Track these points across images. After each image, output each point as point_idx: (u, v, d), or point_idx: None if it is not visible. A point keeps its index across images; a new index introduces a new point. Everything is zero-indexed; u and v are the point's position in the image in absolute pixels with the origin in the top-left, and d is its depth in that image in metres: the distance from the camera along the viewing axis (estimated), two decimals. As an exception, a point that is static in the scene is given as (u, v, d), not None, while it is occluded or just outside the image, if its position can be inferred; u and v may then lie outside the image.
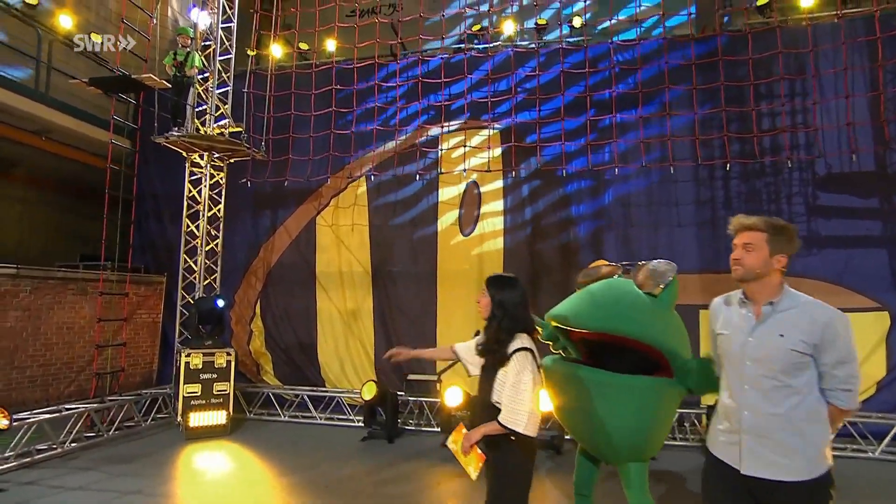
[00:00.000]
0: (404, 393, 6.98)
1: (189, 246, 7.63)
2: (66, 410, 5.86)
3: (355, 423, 6.94)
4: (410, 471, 5.31)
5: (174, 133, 6.89)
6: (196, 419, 6.36)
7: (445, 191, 7.84)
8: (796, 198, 6.40)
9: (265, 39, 7.91)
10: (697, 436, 6.08)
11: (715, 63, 6.48)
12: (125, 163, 7.14)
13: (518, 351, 2.56)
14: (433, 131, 7.72)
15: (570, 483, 3.47)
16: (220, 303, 6.98)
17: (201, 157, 7.56)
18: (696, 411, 6.17)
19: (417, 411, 6.98)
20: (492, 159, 7.43)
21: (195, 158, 7.59)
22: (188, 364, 6.47)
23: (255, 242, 8.30)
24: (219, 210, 7.68)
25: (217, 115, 7.67)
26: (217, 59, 7.64)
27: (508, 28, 7.62)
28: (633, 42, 6.79)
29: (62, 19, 7.45)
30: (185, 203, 7.56)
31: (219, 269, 7.67)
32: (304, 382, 7.84)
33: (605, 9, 7.27)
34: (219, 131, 7.47)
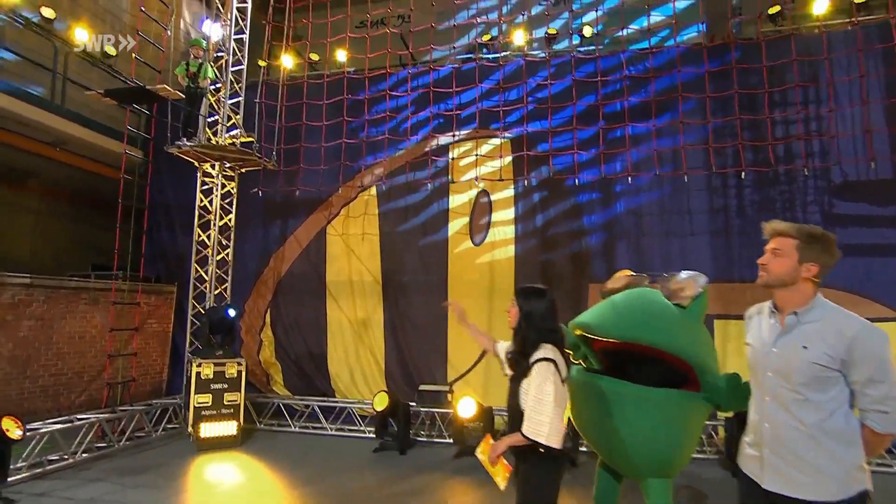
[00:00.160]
0: (416, 403, 6.92)
1: (200, 255, 7.66)
2: (78, 421, 5.86)
3: (366, 435, 6.88)
4: (423, 484, 5.25)
5: (186, 143, 6.95)
6: (207, 430, 6.34)
7: (456, 200, 7.84)
8: (812, 206, 6.34)
9: (276, 50, 7.99)
10: (714, 448, 5.97)
11: (726, 72, 6.46)
12: (138, 173, 7.21)
13: (539, 361, 2.54)
14: (443, 140, 7.74)
15: (589, 497, 3.40)
16: (232, 312, 6.98)
17: (213, 166, 7.62)
18: (713, 423, 6.07)
19: (429, 422, 6.92)
20: (502, 168, 7.42)
21: (207, 168, 7.65)
22: (199, 374, 6.47)
23: (266, 252, 8.32)
24: (230, 220, 7.72)
25: (229, 125, 7.73)
26: (229, 70, 7.72)
27: (518, 38, 7.64)
28: (646, 51, 6.79)
29: (78, 32, 7.57)
30: (196, 213, 7.60)
31: (229, 278, 7.69)
32: (314, 393, 7.81)
33: (616, 19, 7.28)
34: (230, 141, 7.53)
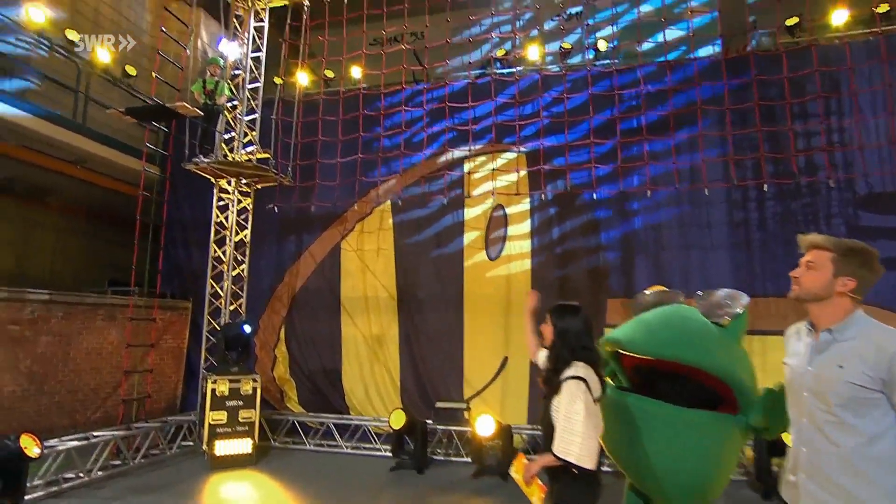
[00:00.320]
0: (432, 421, 6.84)
1: (215, 271, 7.72)
2: (94, 438, 5.86)
3: (382, 453, 6.81)
4: None
5: (203, 159, 7.05)
6: (222, 448, 6.30)
7: (470, 214, 7.83)
8: (836, 218, 6.24)
9: (292, 67, 8.11)
10: (742, 469, 5.81)
11: (745, 84, 6.43)
12: (155, 190, 7.32)
13: (570, 379, 2.50)
14: (458, 155, 7.76)
15: (616, 519, 3.31)
16: (247, 329, 6.99)
17: (229, 183, 7.71)
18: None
19: (446, 440, 6.83)
20: (518, 182, 7.42)
21: (223, 184, 7.74)
22: (214, 391, 6.46)
23: (280, 268, 8.36)
24: (245, 235, 7.78)
25: (245, 141, 7.84)
26: (246, 87, 7.85)
27: (533, 53, 7.69)
28: (663, 64, 6.78)
29: (100, 53, 7.77)
30: (212, 228, 7.67)
31: (244, 294, 7.73)
32: (328, 409, 7.76)
33: (630, 33, 7.30)
34: (246, 157, 7.62)
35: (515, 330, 7.43)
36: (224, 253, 7.68)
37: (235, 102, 7.83)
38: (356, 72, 8.32)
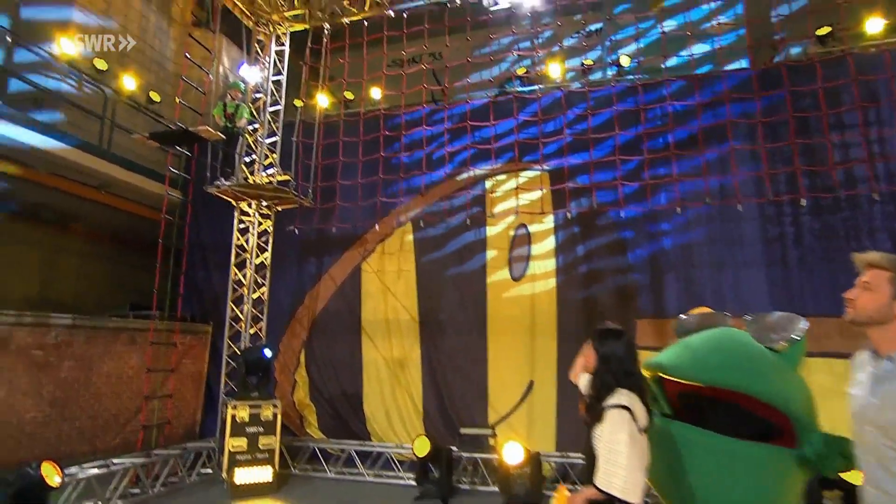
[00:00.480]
0: (457, 448, 6.66)
1: (235, 294, 7.73)
2: (114, 465, 5.83)
3: (405, 481, 6.64)
4: (469, 536, 4.97)
5: (225, 182, 7.13)
6: (242, 476, 6.21)
7: (493, 233, 7.75)
8: (881, 233, 5.97)
9: (313, 90, 8.23)
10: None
11: (775, 97, 6.28)
12: (177, 213, 7.41)
13: (613, 408, 2.37)
14: (480, 173, 7.72)
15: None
16: (268, 353, 6.96)
17: (250, 205, 7.77)
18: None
19: (472, 468, 6.64)
20: (542, 200, 7.33)
21: (244, 207, 7.81)
22: (234, 417, 6.40)
23: (300, 290, 8.34)
24: (266, 258, 7.81)
25: (266, 163, 7.93)
26: (267, 110, 7.97)
27: (554, 70, 7.68)
28: (690, 78, 6.68)
29: (126, 81, 8.00)
30: (232, 251, 7.72)
31: (265, 317, 7.72)
32: (348, 435, 7.63)
33: (654, 49, 7.24)
34: (267, 180, 7.69)
35: (541, 352, 7.27)
36: (244, 276, 7.71)
37: (256, 125, 7.95)
38: (376, 93, 8.41)
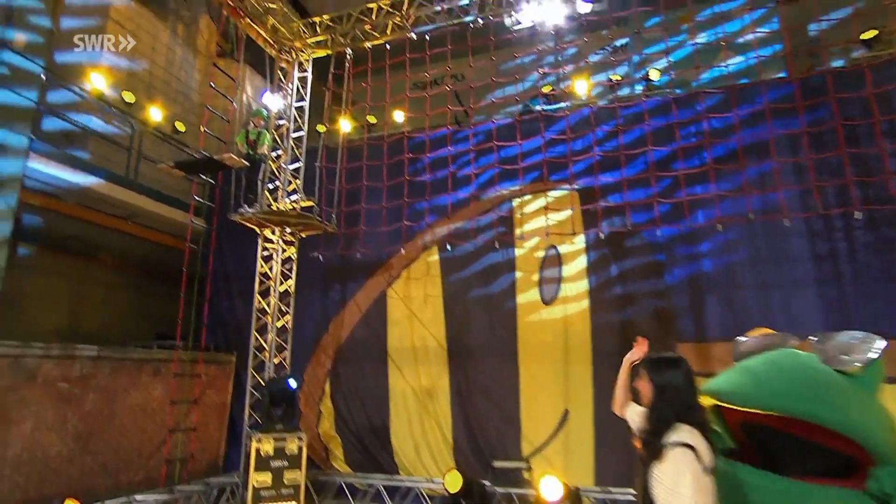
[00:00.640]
0: (490, 483, 6.38)
1: (259, 323, 7.68)
2: (137, 502, 5.71)
3: (436, 519, 6.37)
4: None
5: (248, 210, 7.15)
6: (266, 513, 6.04)
7: (522, 256, 7.57)
8: (945, 247, 5.62)
9: (335, 114, 8.28)
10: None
11: (820, 104, 6.02)
12: (201, 242, 7.45)
13: (676, 446, 2.16)
14: (507, 194, 7.60)
15: None
16: (293, 384, 6.84)
17: (273, 232, 7.78)
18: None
19: (506, 505, 6.34)
20: (573, 221, 7.15)
21: (267, 234, 7.81)
22: (258, 451, 6.27)
23: (325, 318, 8.25)
24: (290, 285, 7.76)
25: (289, 189, 7.95)
26: (290, 137, 8.04)
27: (580, 87, 7.57)
28: (726, 90, 6.47)
29: (153, 112, 8.18)
30: (256, 279, 7.70)
31: (289, 346, 7.63)
32: (376, 469, 7.42)
33: (686, 62, 7.08)
34: (291, 206, 7.70)
35: (575, 379, 7.00)
36: (268, 304, 7.66)
37: (279, 152, 8.01)
38: (399, 116, 8.42)
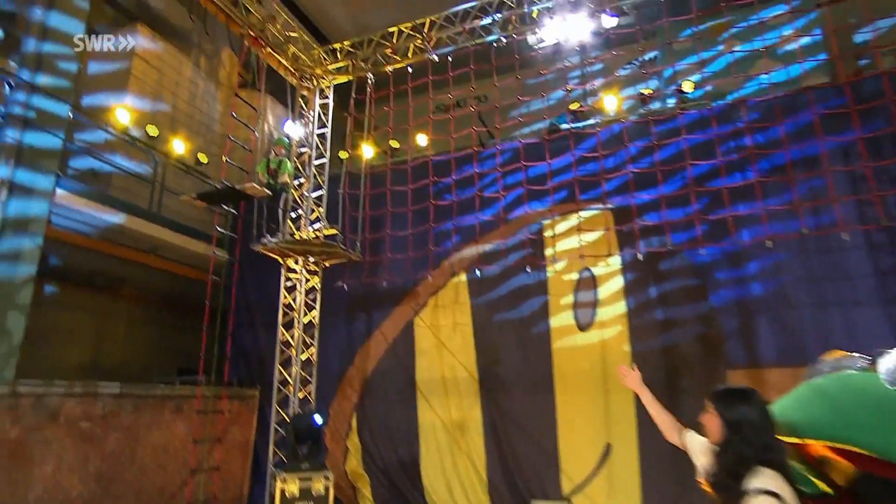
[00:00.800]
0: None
1: (283, 356, 7.52)
2: (158, 550, 5.50)
3: (473, 567, 5.99)
4: None
5: (271, 240, 7.06)
6: (293, 561, 5.76)
7: (555, 280, 7.30)
8: None
9: (358, 140, 8.23)
10: None
11: (873, 109, 5.69)
12: (224, 273, 7.38)
13: (759, 493, 1.94)
14: (536, 216, 7.37)
15: None
16: (318, 420, 6.63)
17: (296, 262, 7.67)
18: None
19: (548, 550, 5.94)
20: (608, 241, 6.89)
21: (290, 264, 7.71)
22: (283, 492, 6.05)
23: (350, 349, 8.05)
24: (314, 316, 7.61)
25: (312, 218, 7.87)
26: (312, 164, 8.00)
27: (609, 103, 7.39)
28: (769, 100, 6.17)
29: (176, 144, 8.26)
30: (279, 311, 7.57)
31: (314, 380, 7.44)
32: (406, 509, 7.09)
33: (720, 75, 6.84)
34: (314, 235, 7.60)
35: (617, 410, 6.64)
36: (292, 336, 7.52)
37: (301, 180, 7.97)
38: (422, 140, 8.34)
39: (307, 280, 7.70)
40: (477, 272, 7.34)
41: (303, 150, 8.09)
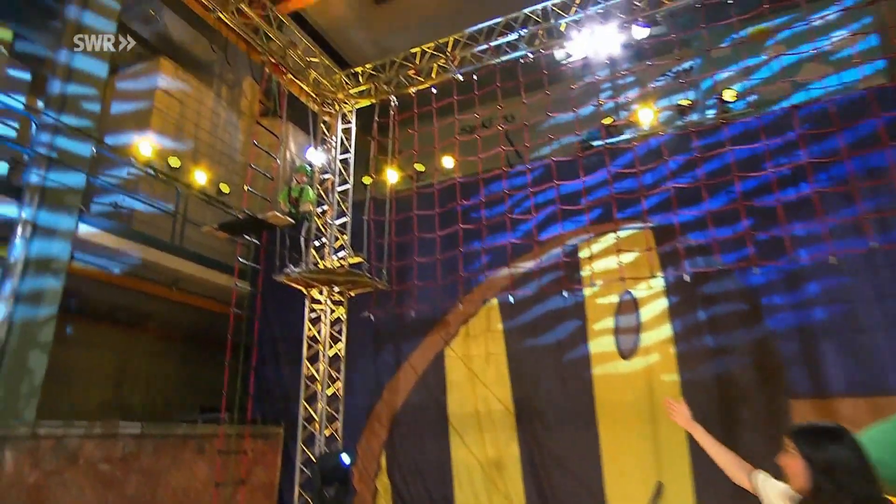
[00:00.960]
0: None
1: (308, 392, 7.29)
2: None
3: None
4: None
5: (294, 270, 6.89)
6: None
7: (593, 304, 6.94)
8: None
9: (382, 164, 8.09)
10: None
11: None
12: (246, 305, 7.23)
13: None
14: (571, 237, 7.06)
15: None
16: (346, 459, 6.39)
17: (321, 292, 7.49)
18: None
19: None
20: (649, 262, 6.52)
21: (315, 294, 7.53)
22: (311, 539, 5.70)
23: (378, 383, 7.77)
24: (340, 349, 7.38)
25: (336, 246, 7.70)
26: (335, 191, 7.87)
27: (645, 116, 7.11)
28: (823, 105, 5.81)
29: (197, 175, 8.25)
30: (304, 343, 7.36)
31: (340, 416, 7.17)
32: (441, 557, 6.68)
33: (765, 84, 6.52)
34: (338, 263, 7.42)
35: (668, 444, 6.20)
36: (317, 370, 7.28)
37: (325, 207, 7.84)
38: (448, 162, 8.16)
39: (332, 311, 7.49)
40: (510, 297, 6.99)
41: (326, 176, 7.98)
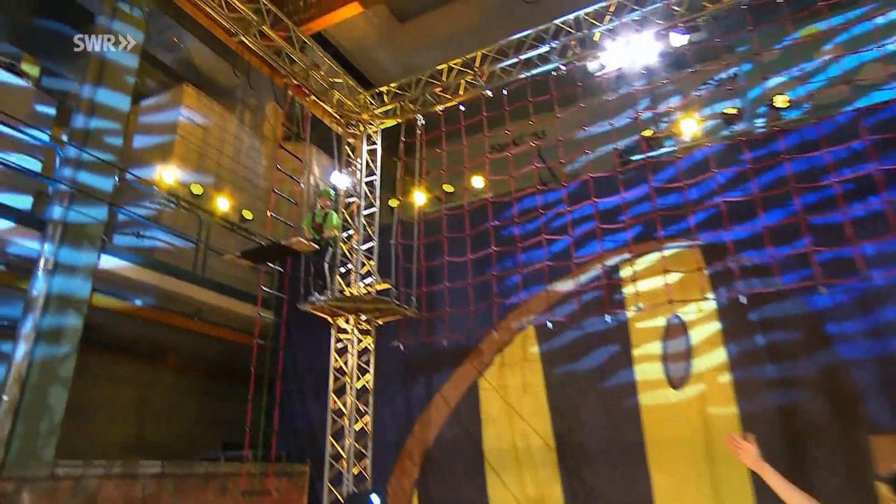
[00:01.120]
0: None
1: (335, 427, 6.99)
2: None
3: None
4: None
5: (319, 298, 6.65)
6: None
7: (638, 330, 6.52)
8: None
9: (409, 186, 7.88)
10: None
11: None
12: (270, 336, 7.02)
13: None
14: (613, 258, 6.68)
15: None
16: (375, 500, 6.06)
17: (347, 321, 7.24)
18: None
19: None
20: (699, 284, 6.10)
21: (341, 323, 7.29)
22: (341, 592, 5.33)
23: (409, 417, 7.45)
24: (368, 381, 7.09)
25: (363, 272, 7.47)
26: (361, 214, 7.66)
27: (687, 126, 6.75)
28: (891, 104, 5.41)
29: (220, 202, 8.16)
30: (331, 375, 7.10)
31: (369, 453, 6.84)
32: None
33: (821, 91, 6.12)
34: (365, 290, 7.18)
35: (728, 485, 5.74)
36: (344, 404, 7.01)
37: (350, 232, 7.63)
38: (478, 182, 7.91)
39: (359, 341, 7.23)
40: (548, 322, 6.59)
41: (351, 199, 7.80)
